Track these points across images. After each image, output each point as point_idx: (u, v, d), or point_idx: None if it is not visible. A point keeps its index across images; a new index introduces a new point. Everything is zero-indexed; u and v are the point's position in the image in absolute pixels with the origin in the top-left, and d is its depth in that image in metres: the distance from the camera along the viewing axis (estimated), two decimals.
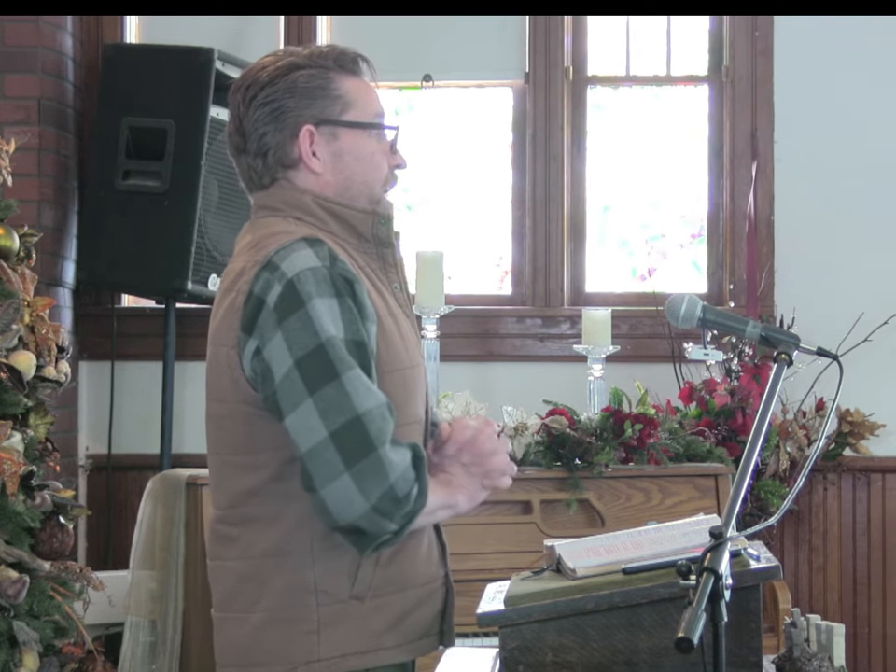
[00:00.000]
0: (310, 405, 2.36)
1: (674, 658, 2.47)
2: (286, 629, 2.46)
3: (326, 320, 2.38)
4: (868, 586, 5.20)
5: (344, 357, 2.37)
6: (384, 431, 2.35)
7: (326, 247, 2.44)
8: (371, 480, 2.33)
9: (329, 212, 2.56)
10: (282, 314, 2.39)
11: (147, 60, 5.00)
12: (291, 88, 2.55)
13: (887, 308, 5.04)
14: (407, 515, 2.37)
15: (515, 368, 5.31)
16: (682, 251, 5.53)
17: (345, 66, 2.60)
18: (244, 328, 2.45)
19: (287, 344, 2.38)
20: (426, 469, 2.40)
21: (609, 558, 2.65)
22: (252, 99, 2.56)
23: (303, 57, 2.58)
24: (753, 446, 2.37)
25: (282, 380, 2.38)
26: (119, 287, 5.23)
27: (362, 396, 2.36)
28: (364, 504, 2.33)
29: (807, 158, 5.27)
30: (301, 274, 2.40)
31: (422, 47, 5.37)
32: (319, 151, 2.56)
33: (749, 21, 5.30)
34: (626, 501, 4.31)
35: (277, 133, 2.56)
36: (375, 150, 2.60)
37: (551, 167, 5.34)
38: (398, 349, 2.50)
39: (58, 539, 3.87)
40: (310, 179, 2.57)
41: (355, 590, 2.46)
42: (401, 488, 2.35)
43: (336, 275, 2.41)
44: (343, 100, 2.58)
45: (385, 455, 2.33)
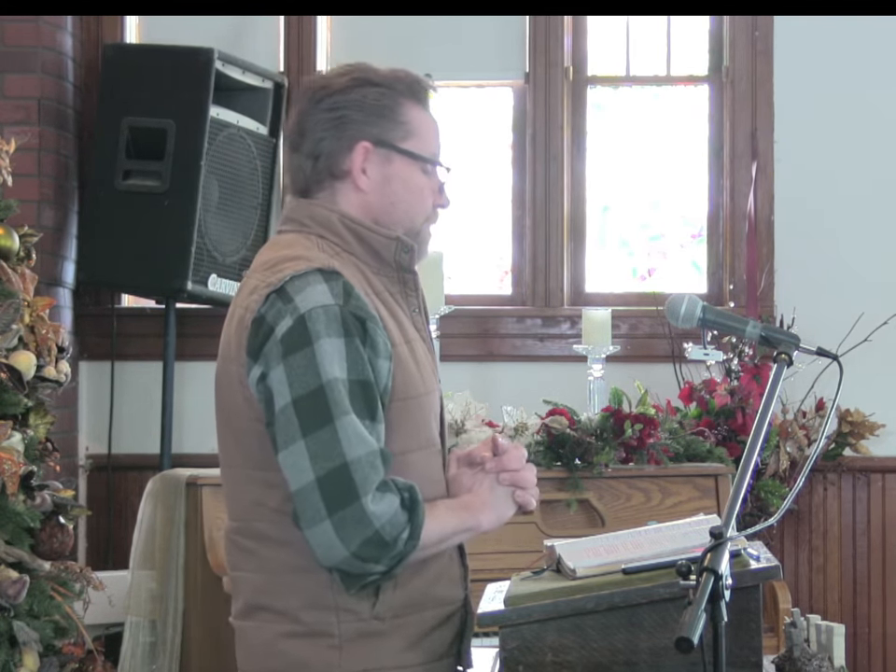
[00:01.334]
0: (302, 446, 2.38)
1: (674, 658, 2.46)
2: (308, 641, 2.48)
3: (330, 361, 2.39)
4: (868, 586, 5.20)
5: (342, 402, 2.38)
6: (369, 480, 2.36)
7: (341, 282, 2.44)
8: (352, 528, 2.35)
9: (353, 233, 2.55)
10: (288, 348, 2.41)
11: (147, 60, 5.00)
12: (360, 101, 2.56)
13: (887, 308, 5.04)
14: (396, 557, 2.40)
15: (515, 368, 5.31)
16: (682, 251, 5.53)
17: (416, 95, 2.61)
18: (250, 352, 2.46)
19: (288, 380, 2.40)
20: (419, 512, 2.41)
21: (608, 558, 2.65)
22: (319, 101, 2.57)
23: (379, 75, 2.59)
24: (753, 446, 2.37)
25: (279, 414, 2.41)
26: (119, 287, 5.23)
27: (353, 443, 2.37)
28: (343, 551, 2.36)
29: (807, 158, 5.27)
30: (313, 312, 2.41)
31: (422, 47, 5.37)
32: (370, 170, 2.56)
33: (749, 20, 5.30)
34: (626, 501, 4.31)
35: (334, 140, 2.55)
36: (424, 185, 2.60)
37: (551, 167, 5.34)
38: (412, 376, 2.50)
39: (58, 538, 3.87)
40: (353, 195, 2.57)
41: (376, 610, 2.48)
42: (389, 533, 2.37)
43: (348, 314, 2.42)
44: (407, 127, 2.58)
45: (366, 504, 2.35)
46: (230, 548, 2.58)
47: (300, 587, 2.48)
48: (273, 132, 5.23)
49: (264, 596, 2.52)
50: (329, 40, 5.48)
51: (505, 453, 2.57)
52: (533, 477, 2.58)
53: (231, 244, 5.06)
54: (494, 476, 2.56)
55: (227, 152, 5.00)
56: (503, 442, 2.58)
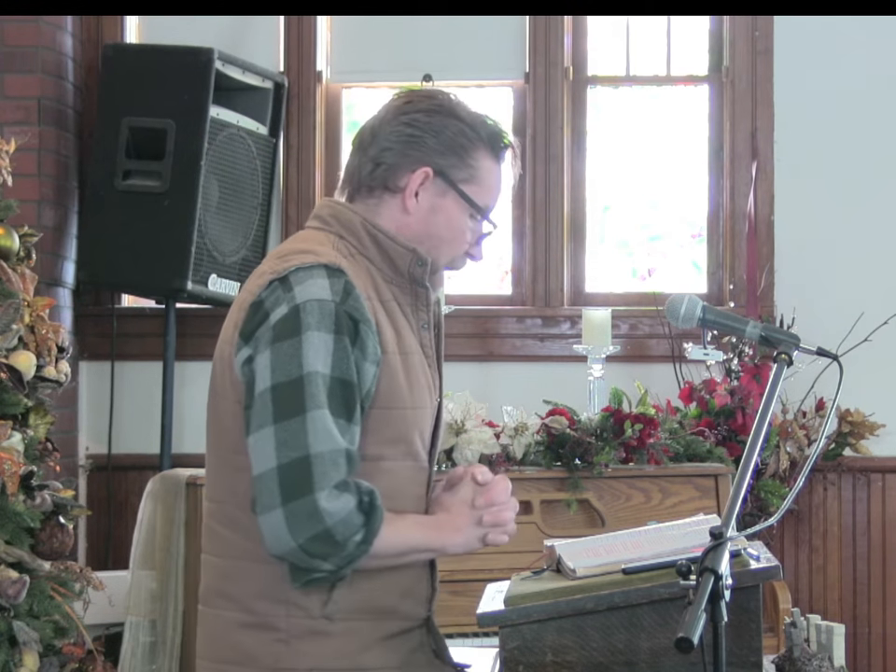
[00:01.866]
0: (271, 432, 2.39)
1: (674, 658, 2.47)
2: (257, 633, 2.50)
3: (315, 354, 2.41)
4: (868, 586, 5.19)
5: (317, 395, 2.39)
6: (328, 476, 2.37)
7: (343, 280, 2.46)
8: (303, 521, 2.36)
9: (372, 238, 2.57)
10: (278, 334, 2.43)
11: (147, 60, 5.00)
12: (439, 130, 2.57)
13: (887, 308, 5.04)
14: (345, 558, 2.40)
15: (515, 368, 5.31)
16: (682, 251, 5.53)
17: (494, 147, 2.63)
18: (242, 334, 2.48)
19: (271, 366, 2.42)
20: (376, 518, 2.41)
21: (608, 558, 2.65)
22: (402, 114, 2.59)
23: (466, 113, 2.60)
24: (753, 446, 2.37)
25: (257, 397, 2.42)
26: (119, 287, 5.23)
27: (320, 437, 2.38)
28: (291, 542, 2.37)
29: (807, 158, 5.27)
30: (308, 303, 2.43)
31: (422, 47, 5.37)
32: (422, 196, 2.58)
33: (749, 20, 5.30)
34: (626, 501, 4.31)
35: (400, 155, 2.57)
36: (466, 230, 2.62)
37: (551, 167, 5.34)
38: (399, 388, 2.51)
39: (58, 538, 3.87)
40: (396, 213, 2.59)
41: (326, 610, 2.48)
42: (341, 532, 2.37)
43: (342, 313, 2.44)
44: (472, 172, 2.60)
45: (319, 500, 2.35)
46: (204, 531, 2.61)
47: (256, 576, 2.49)
48: (273, 132, 5.23)
49: (223, 581, 2.54)
50: (329, 40, 5.48)
51: (490, 484, 2.56)
52: (513, 514, 2.58)
53: (230, 244, 5.06)
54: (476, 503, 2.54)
55: (227, 152, 5.00)
56: (488, 476, 2.57)
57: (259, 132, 5.17)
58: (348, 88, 5.52)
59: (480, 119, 2.61)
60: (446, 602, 2.76)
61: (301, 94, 5.38)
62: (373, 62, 5.43)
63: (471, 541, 2.55)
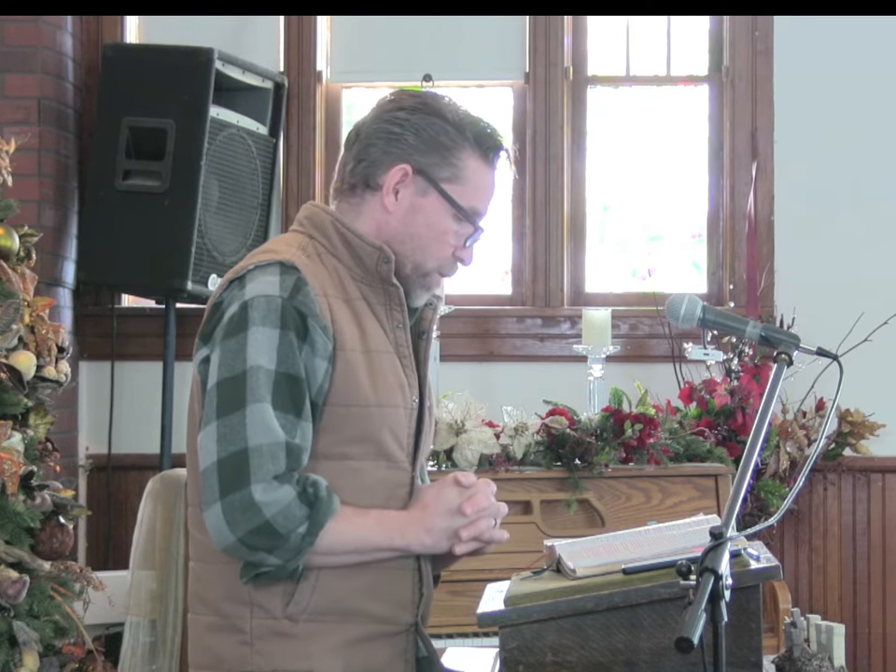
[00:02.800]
0: (214, 427, 2.41)
1: (674, 658, 2.47)
2: (224, 635, 2.50)
3: (258, 350, 2.41)
4: (868, 586, 5.19)
5: (257, 389, 2.40)
6: (264, 469, 2.37)
7: (295, 276, 2.46)
8: (239, 514, 2.36)
9: (341, 237, 2.56)
10: (227, 332, 2.45)
11: (147, 60, 5.00)
12: (420, 128, 2.55)
13: (887, 308, 5.04)
14: (291, 551, 2.39)
15: (515, 368, 5.31)
16: (682, 251, 5.53)
17: (482, 148, 2.59)
18: (201, 335, 2.51)
19: (219, 362, 2.44)
20: (321, 509, 2.40)
21: (608, 558, 2.65)
22: (386, 111, 2.58)
23: (452, 113, 2.57)
24: (753, 446, 2.37)
25: (206, 395, 2.45)
26: (119, 287, 5.23)
27: (258, 431, 2.38)
28: (230, 536, 2.37)
29: (807, 158, 5.27)
30: (255, 300, 2.44)
31: (422, 47, 5.37)
32: (402, 194, 2.56)
33: (749, 20, 5.30)
34: (626, 501, 4.31)
35: (381, 153, 2.56)
36: (449, 231, 2.58)
37: (551, 167, 5.34)
38: (359, 385, 2.49)
39: (58, 538, 3.87)
40: (377, 211, 2.57)
41: (288, 610, 2.47)
42: (282, 525, 2.37)
43: (289, 307, 2.43)
44: (456, 172, 2.56)
45: (254, 492, 2.36)
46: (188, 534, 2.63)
47: (223, 577, 2.50)
48: (273, 132, 5.23)
49: (198, 585, 2.56)
50: (329, 40, 5.48)
51: (474, 488, 2.54)
52: (491, 522, 2.54)
53: (230, 244, 5.06)
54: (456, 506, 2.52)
55: (227, 152, 5.00)
56: (472, 479, 2.55)
57: (259, 132, 5.17)
58: (348, 88, 5.52)
59: (468, 119, 2.58)
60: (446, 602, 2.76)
61: (300, 94, 5.38)
62: (373, 62, 5.43)
63: (441, 543, 2.53)
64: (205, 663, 2.54)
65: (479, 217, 2.61)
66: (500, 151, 2.62)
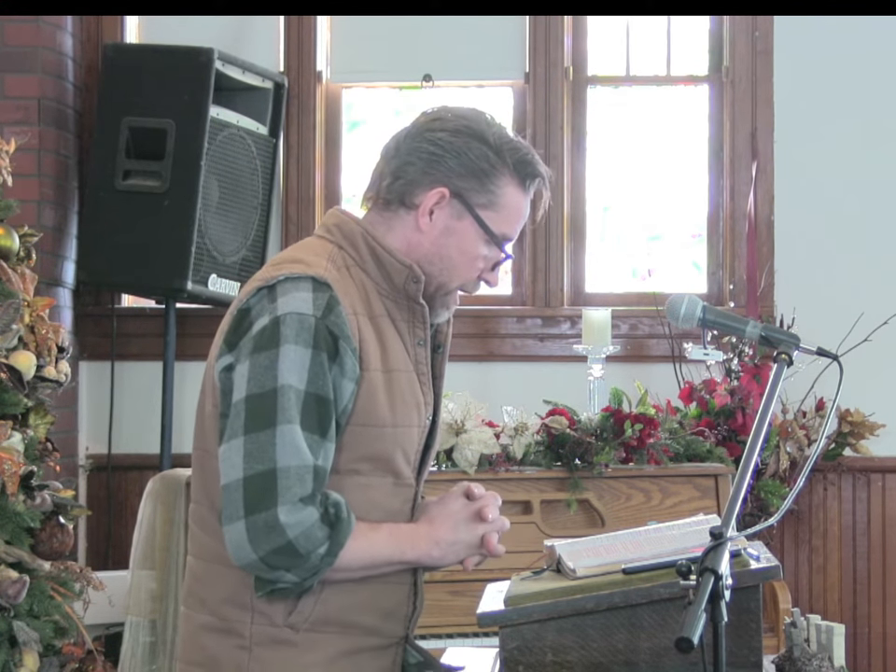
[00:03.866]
0: (240, 443, 2.39)
1: (674, 658, 2.47)
2: (222, 638, 2.50)
3: (290, 368, 2.39)
4: (868, 586, 5.19)
5: (289, 409, 2.38)
6: (291, 491, 2.36)
7: (328, 295, 2.44)
8: (263, 534, 2.35)
9: (371, 251, 2.54)
10: (257, 346, 2.42)
11: (147, 60, 5.00)
12: (461, 151, 2.53)
13: (887, 308, 5.04)
14: (309, 570, 2.39)
15: (515, 368, 5.31)
16: (682, 251, 5.53)
17: (521, 175, 2.57)
18: (227, 341, 2.48)
19: (248, 376, 2.41)
20: (342, 530, 2.40)
21: (608, 558, 2.65)
22: (428, 130, 2.55)
23: (495, 137, 2.54)
24: (753, 446, 2.37)
25: (232, 407, 2.42)
26: (119, 287, 5.23)
27: (288, 452, 2.37)
28: (252, 554, 2.37)
29: (807, 158, 5.27)
30: (288, 316, 2.41)
31: (422, 47, 5.37)
32: (437, 216, 2.54)
33: (749, 20, 5.30)
34: (626, 501, 4.31)
35: (420, 173, 2.53)
36: (479, 255, 2.57)
37: (551, 167, 5.30)
38: (379, 406, 2.48)
39: (58, 538, 3.87)
40: (409, 230, 2.55)
41: (290, 619, 2.47)
42: (303, 546, 2.36)
43: (322, 328, 2.42)
44: (493, 199, 2.54)
45: (279, 513, 2.35)
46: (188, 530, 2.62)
47: (225, 580, 2.49)
48: (273, 132, 5.23)
49: (196, 583, 2.55)
50: (329, 40, 5.48)
51: (482, 500, 2.54)
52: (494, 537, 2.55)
53: (230, 244, 5.06)
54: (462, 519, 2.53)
55: (227, 152, 5.00)
56: (482, 491, 2.56)
57: (259, 132, 5.17)
58: (348, 88, 5.52)
59: (510, 144, 2.55)
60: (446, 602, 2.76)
61: (300, 94, 5.38)
62: (373, 62, 5.43)
63: (448, 556, 2.54)
64: (198, 661, 2.54)
65: (508, 243, 2.60)
66: (538, 178, 2.61)
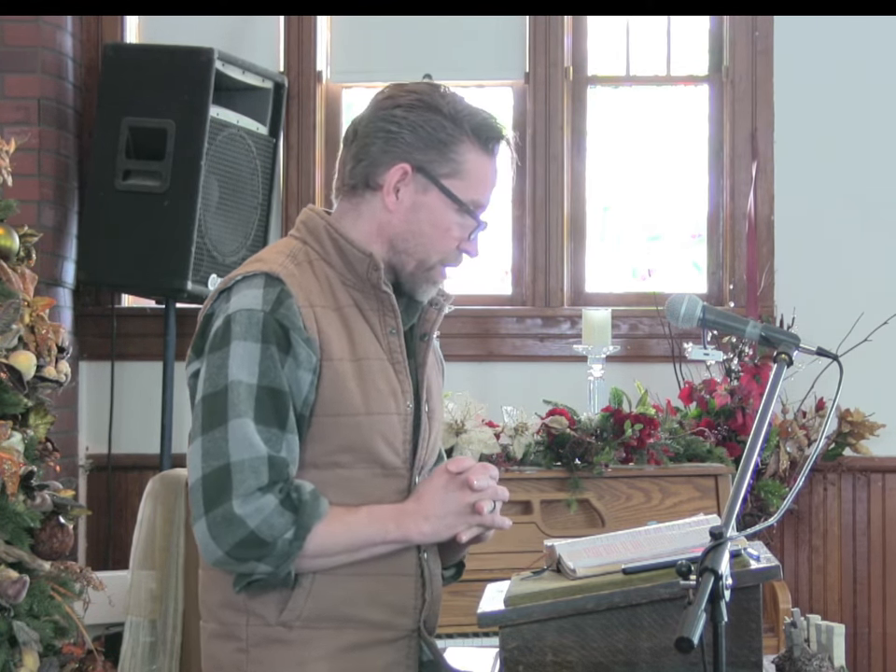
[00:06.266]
0: (199, 443, 2.43)
1: (674, 658, 2.47)
2: (223, 643, 2.51)
3: (240, 364, 2.41)
4: (868, 586, 5.19)
5: (239, 405, 2.40)
6: (246, 484, 2.37)
7: (279, 289, 2.45)
8: (223, 529, 2.37)
9: (334, 243, 2.55)
10: (212, 347, 2.46)
11: (147, 60, 5.00)
12: (417, 125, 2.53)
13: (887, 308, 5.04)
14: (280, 556, 2.39)
15: (515, 368, 5.31)
16: (682, 251, 5.53)
17: (482, 139, 2.56)
18: (193, 347, 2.53)
19: (204, 377, 2.46)
20: (306, 512, 2.39)
21: (608, 558, 2.65)
22: (382, 109, 2.55)
23: (449, 107, 2.54)
24: (753, 446, 2.37)
25: (193, 410, 2.47)
26: (119, 287, 5.23)
27: (240, 446, 2.39)
28: (217, 551, 2.38)
29: (807, 158, 5.27)
30: (237, 314, 2.44)
31: (422, 47, 5.37)
32: (402, 193, 2.55)
33: (749, 20, 5.30)
34: (626, 501, 4.31)
35: (380, 152, 2.54)
36: (453, 225, 2.57)
37: (551, 167, 5.34)
38: (348, 394, 2.48)
39: (58, 538, 3.87)
40: (378, 211, 2.56)
41: (283, 617, 2.47)
42: (266, 533, 2.37)
43: (271, 321, 2.43)
44: (456, 167, 2.54)
45: (234, 506, 2.36)
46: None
47: (220, 584, 2.50)
48: (273, 132, 5.23)
49: (203, 592, 2.58)
50: (329, 40, 5.48)
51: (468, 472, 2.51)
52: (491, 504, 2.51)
53: (230, 244, 5.06)
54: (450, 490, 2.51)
55: (227, 152, 5.00)
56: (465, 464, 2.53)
57: (259, 132, 5.17)
58: (348, 88, 5.52)
59: (466, 111, 2.55)
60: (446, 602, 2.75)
61: (300, 94, 5.38)
62: (373, 62, 5.43)
63: (441, 531, 2.52)
64: (208, 669, 2.56)
65: (481, 210, 2.59)
66: (501, 140, 2.58)
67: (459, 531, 2.53)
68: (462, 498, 2.51)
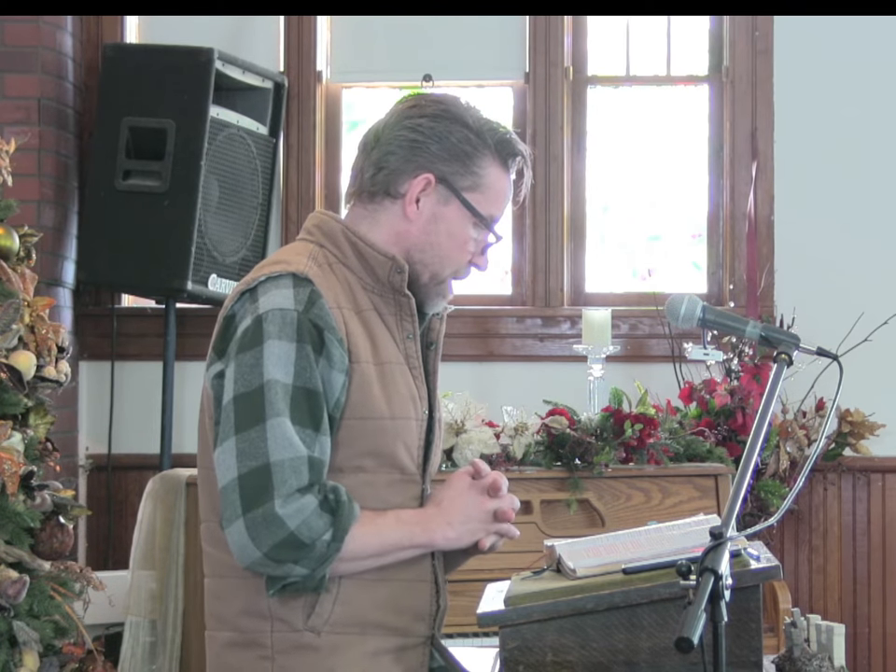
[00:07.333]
0: (233, 443, 2.38)
1: (674, 658, 2.47)
2: (244, 651, 2.48)
3: (275, 363, 2.38)
4: (868, 586, 5.19)
5: (276, 404, 2.37)
6: (287, 484, 2.35)
7: (309, 289, 2.43)
8: (263, 529, 2.34)
9: (353, 246, 2.54)
10: (241, 346, 2.41)
11: (147, 60, 5.00)
12: (443, 136, 2.53)
13: (887, 308, 5.04)
14: (318, 559, 2.37)
15: (515, 368, 5.31)
16: (682, 251, 5.53)
17: (502, 155, 2.57)
18: (215, 348, 2.48)
19: (234, 377, 2.41)
20: (343, 514, 2.38)
21: (609, 558, 2.65)
22: (407, 118, 2.54)
23: (474, 119, 2.55)
24: (753, 446, 2.37)
25: (223, 410, 2.41)
26: (119, 287, 5.23)
27: (280, 445, 2.36)
28: (255, 552, 2.35)
29: (807, 158, 5.27)
30: (270, 313, 2.41)
31: (422, 47, 5.37)
32: (423, 203, 2.54)
33: (749, 20, 5.30)
34: (626, 501, 4.31)
35: (403, 161, 2.53)
36: (469, 239, 2.57)
37: (551, 167, 5.34)
38: (374, 398, 2.47)
39: (58, 538, 3.87)
40: (396, 219, 2.55)
41: (310, 622, 2.45)
42: (306, 535, 2.35)
43: (305, 321, 2.41)
44: (477, 180, 2.55)
45: (276, 506, 2.33)
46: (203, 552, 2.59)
47: (240, 592, 2.47)
48: (273, 132, 5.23)
49: (214, 602, 2.53)
50: (329, 40, 5.48)
51: (489, 476, 2.53)
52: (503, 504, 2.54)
53: (231, 244, 5.06)
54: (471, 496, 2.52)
55: (227, 152, 5.00)
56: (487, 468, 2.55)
57: (259, 132, 5.17)
58: (348, 88, 5.52)
59: (488, 125, 2.56)
60: None
61: (300, 94, 5.38)
62: (373, 62, 5.43)
63: (464, 536, 2.52)
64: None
65: (496, 223, 2.61)
66: (518, 158, 2.60)
67: (481, 537, 2.53)
68: (483, 504, 2.53)
